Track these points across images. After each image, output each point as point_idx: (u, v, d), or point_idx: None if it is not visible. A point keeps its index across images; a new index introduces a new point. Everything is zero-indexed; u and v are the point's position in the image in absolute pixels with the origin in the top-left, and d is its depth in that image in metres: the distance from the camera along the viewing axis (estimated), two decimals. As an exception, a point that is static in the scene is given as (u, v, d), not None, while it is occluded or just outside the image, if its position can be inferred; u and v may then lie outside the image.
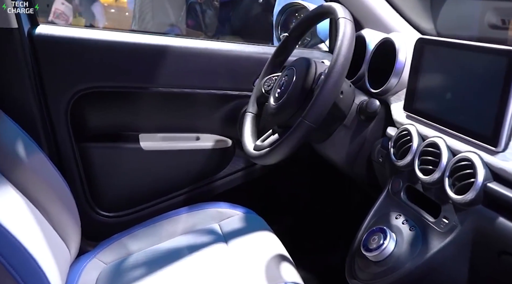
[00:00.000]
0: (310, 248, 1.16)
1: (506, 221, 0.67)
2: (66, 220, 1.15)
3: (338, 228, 1.45)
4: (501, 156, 0.70)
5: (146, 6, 3.48)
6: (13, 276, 0.80)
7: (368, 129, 1.04)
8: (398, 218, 0.88)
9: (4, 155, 1.04)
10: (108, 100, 1.38)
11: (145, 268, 1.15)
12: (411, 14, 1.42)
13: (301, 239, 1.29)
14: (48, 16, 4.06)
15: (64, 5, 5.07)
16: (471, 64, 0.76)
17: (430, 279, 0.78)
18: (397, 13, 1.38)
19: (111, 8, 5.32)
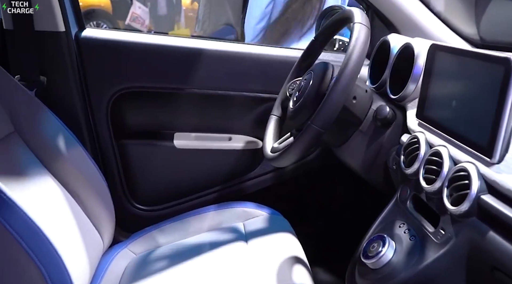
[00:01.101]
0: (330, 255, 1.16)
1: (497, 235, 0.65)
2: (101, 210, 1.23)
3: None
4: (495, 168, 0.67)
5: (206, 9, 3.60)
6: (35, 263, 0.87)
7: (385, 135, 1.03)
8: (402, 227, 0.86)
9: (45, 148, 1.14)
10: (145, 100, 1.46)
11: (168, 261, 1.21)
12: (452, 18, 1.38)
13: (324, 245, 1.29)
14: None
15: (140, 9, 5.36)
16: (474, 72, 0.73)
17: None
18: (437, 17, 1.35)
19: (189, 11, 5.54)
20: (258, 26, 2.36)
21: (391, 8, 1.32)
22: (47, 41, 1.29)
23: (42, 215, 0.96)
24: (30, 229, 0.86)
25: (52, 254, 0.89)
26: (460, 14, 1.42)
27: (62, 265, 0.91)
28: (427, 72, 0.88)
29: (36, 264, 0.86)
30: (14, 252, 0.84)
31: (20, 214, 0.85)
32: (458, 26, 1.37)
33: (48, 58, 1.31)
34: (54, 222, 1.01)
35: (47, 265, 0.87)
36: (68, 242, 1.03)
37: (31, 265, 0.85)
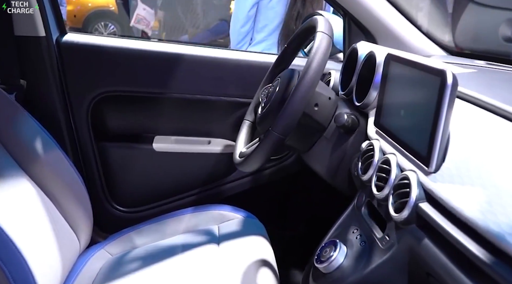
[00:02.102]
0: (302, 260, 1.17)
1: (431, 243, 0.66)
2: (78, 212, 1.26)
3: None
4: (432, 177, 0.69)
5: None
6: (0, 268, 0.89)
7: (348, 142, 1.05)
8: (355, 232, 0.88)
9: (23, 150, 1.17)
10: (126, 104, 1.48)
11: (142, 262, 1.23)
12: (428, 26, 1.39)
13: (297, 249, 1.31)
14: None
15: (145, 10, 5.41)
16: (418, 82, 0.75)
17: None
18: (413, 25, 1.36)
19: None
20: (243, 30, 2.39)
21: (366, 16, 1.34)
22: (27, 45, 1.32)
23: (11, 217, 0.99)
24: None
25: (15, 255, 0.91)
26: (435, 21, 1.44)
27: (26, 265, 0.93)
28: (383, 81, 0.90)
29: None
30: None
31: (-16, 216, 0.88)
32: (433, 33, 1.38)
33: (28, 62, 1.34)
34: (23, 225, 1.03)
35: (9, 265, 0.90)
36: (37, 243, 1.06)
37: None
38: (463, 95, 0.83)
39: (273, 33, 2.42)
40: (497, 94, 0.82)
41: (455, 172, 0.67)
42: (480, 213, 0.58)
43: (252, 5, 2.34)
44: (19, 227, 0.99)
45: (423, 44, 1.35)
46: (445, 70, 0.67)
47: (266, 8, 2.37)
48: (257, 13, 2.38)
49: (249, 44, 2.45)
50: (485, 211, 0.58)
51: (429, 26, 1.39)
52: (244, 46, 2.44)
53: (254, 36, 2.43)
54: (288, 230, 1.59)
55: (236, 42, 2.43)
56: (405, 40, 1.34)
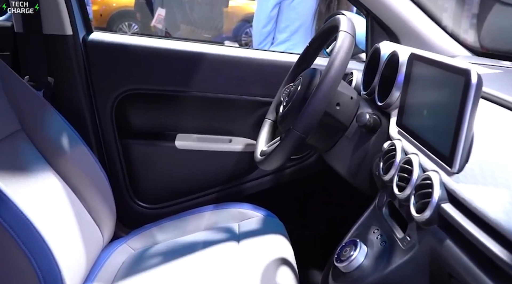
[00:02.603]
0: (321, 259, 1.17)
1: (453, 244, 0.66)
2: (102, 207, 1.29)
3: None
4: (455, 177, 0.68)
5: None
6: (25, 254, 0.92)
7: (370, 142, 1.04)
8: (375, 232, 0.88)
9: (50, 146, 1.20)
10: (149, 102, 1.51)
11: (163, 258, 1.25)
12: (453, 26, 1.38)
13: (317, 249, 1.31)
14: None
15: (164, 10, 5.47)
16: (441, 82, 0.74)
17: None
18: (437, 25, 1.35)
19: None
20: (264, 30, 2.39)
21: (389, 15, 1.33)
22: (55, 44, 1.36)
23: (38, 210, 1.02)
24: (21, 222, 0.92)
25: (42, 247, 0.94)
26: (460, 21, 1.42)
27: (52, 257, 0.95)
28: (406, 80, 0.89)
29: (26, 256, 0.91)
30: (5, 243, 0.90)
31: (13, 208, 0.91)
32: (458, 33, 1.37)
33: (56, 60, 1.38)
34: (50, 218, 1.07)
35: (37, 257, 0.92)
36: (63, 236, 1.08)
37: (21, 256, 0.91)
38: (487, 96, 0.82)
39: (295, 33, 2.42)
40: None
41: (479, 173, 0.66)
42: (504, 214, 0.58)
43: (274, 5, 2.35)
44: (46, 220, 1.02)
45: (447, 45, 1.34)
46: (470, 70, 0.66)
47: (288, 9, 2.38)
48: (279, 14, 2.38)
49: (271, 44, 2.46)
50: (509, 212, 0.58)
51: (453, 26, 1.37)
52: (266, 46, 2.45)
53: (276, 36, 2.44)
54: (308, 230, 1.59)
55: (258, 42, 2.44)
56: (429, 40, 1.33)
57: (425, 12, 1.34)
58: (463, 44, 1.35)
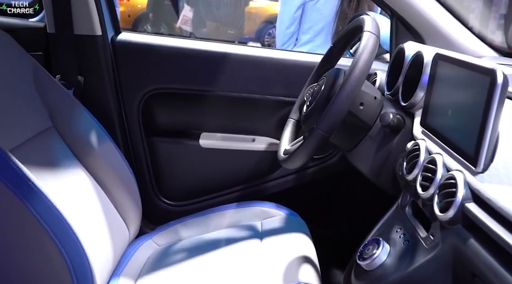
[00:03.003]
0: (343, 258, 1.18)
1: (477, 244, 0.66)
2: (128, 203, 1.32)
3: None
4: (479, 177, 0.68)
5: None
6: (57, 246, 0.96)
7: (393, 142, 1.04)
8: (398, 231, 0.88)
9: (79, 142, 1.24)
10: (174, 101, 1.54)
11: (187, 254, 1.28)
12: (479, 26, 1.37)
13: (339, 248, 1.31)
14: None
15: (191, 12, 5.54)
16: (466, 82, 0.74)
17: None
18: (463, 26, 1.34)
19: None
20: (288, 31, 2.41)
21: (414, 16, 1.33)
22: (85, 44, 1.40)
23: (69, 204, 1.06)
24: (53, 215, 0.95)
25: (73, 239, 0.97)
26: (487, 22, 1.41)
27: (82, 250, 0.99)
28: (430, 81, 0.90)
29: (57, 247, 0.94)
30: (38, 235, 0.93)
31: (45, 201, 0.94)
32: (485, 34, 1.36)
33: (85, 60, 1.42)
34: (80, 211, 1.10)
35: (68, 249, 0.95)
36: (92, 230, 1.12)
37: (53, 247, 0.94)
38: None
39: (319, 34, 2.43)
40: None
41: (504, 172, 0.66)
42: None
43: (298, 7, 2.36)
44: (75, 213, 1.06)
45: (473, 45, 1.33)
46: (496, 69, 0.67)
47: (312, 10, 2.39)
48: (303, 15, 2.40)
49: (294, 45, 2.48)
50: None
51: (480, 26, 1.36)
52: (289, 47, 2.47)
53: (300, 37, 2.46)
54: (330, 229, 1.60)
55: (282, 43, 2.46)
56: (455, 41, 1.32)
57: (450, 12, 1.33)
58: (490, 45, 1.34)
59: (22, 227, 0.94)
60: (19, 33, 1.22)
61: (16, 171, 0.93)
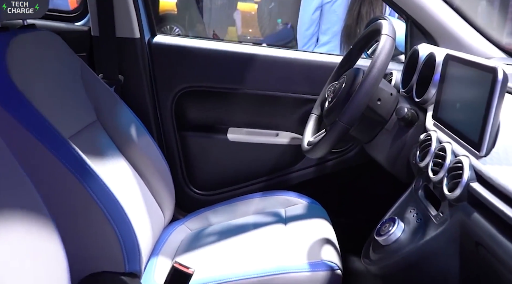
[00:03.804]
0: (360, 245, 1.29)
1: (481, 217, 0.77)
2: (163, 191, 1.45)
3: None
4: (483, 160, 0.79)
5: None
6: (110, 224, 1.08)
7: (408, 134, 1.16)
8: (412, 212, 1.00)
9: (120, 135, 1.37)
10: (204, 98, 1.67)
11: (218, 237, 1.40)
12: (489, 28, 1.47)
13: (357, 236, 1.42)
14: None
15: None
16: (471, 78, 0.85)
17: (423, 265, 0.90)
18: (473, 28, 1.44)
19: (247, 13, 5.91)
20: (307, 32, 2.53)
21: (428, 20, 1.43)
22: (125, 46, 1.54)
23: (117, 188, 1.19)
24: (108, 197, 1.08)
25: (124, 218, 1.09)
26: (497, 24, 1.51)
27: (132, 230, 1.11)
28: (441, 78, 1.01)
29: (110, 224, 1.07)
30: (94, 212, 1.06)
31: (101, 184, 1.07)
32: (494, 36, 1.46)
33: (125, 61, 1.55)
34: (125, 196, 1.23)
35: (119, 225, 1.08)
36: (136, 213, 1.25)
37: (107, 224, 1.06)
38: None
39: (336, 35, 2.54)
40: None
41: (504, 156, 0.77)
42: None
43: (315, 8, 2.48)
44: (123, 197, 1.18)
45: (483, 47, 1.43)
46: (497, 68, 0.78)
47: (329, 12, 2.51)
48: (321, 16, 2.52)
49: (315, 45, 2.60)
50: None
51: (490, 29, 1.46)
52: (310, 47, 2.59)
53: (320, 38, 2.57)
54: (348, 217, 1.70)
55: (303, 44, 2.58)
56: (466, 43, 1.42)
57: (462, 16, 1.43)
58: (499, 46, 1.44)
59: (81, 207, 1.07)
60: (66, 36, 1.35)
61: (76, 156, 1.06)
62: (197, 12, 5.51)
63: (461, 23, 1.43)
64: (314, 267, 1.15)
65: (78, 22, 1.64)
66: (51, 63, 1.23)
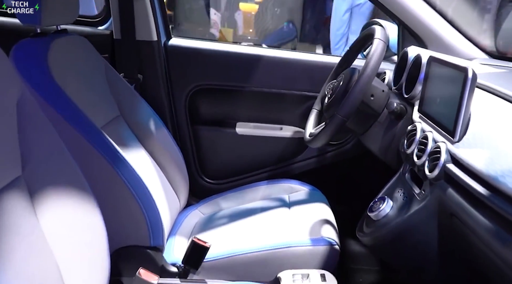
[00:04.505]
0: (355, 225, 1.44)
1: (453, 192, 0.92)
2: (178, 179, 1.61)
3: None
4: (456, 145, 0.95)
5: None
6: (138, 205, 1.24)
7: (397, 126, 1.31)
8: (399, 191, 1.16)
9: (140, 128, 1.53)
10: (215, 95, 1.83)
11: (228, 219, 1.56)
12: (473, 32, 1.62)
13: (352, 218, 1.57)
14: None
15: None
16: (449, 77, 1.01)
17: (407, 236, 1.07)
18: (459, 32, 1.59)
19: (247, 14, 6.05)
20: (338, 32, 2.73)
21: (417, 24, 1.59)
22: (144, 48, 1.70)
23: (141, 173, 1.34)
24: (136, 180, 1.24)
25: (151, 202, 1.25)
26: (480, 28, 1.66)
27: (157, 210, 1.27)
28: (425, 77, 1.17)
29: (139, 204, 1.23)
30: (124, 194, 1.22)
31: (130, 168, 1.23)
32: (477, 39, 1.61)
33: (144, 61, 1.71)
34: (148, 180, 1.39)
35: (147, 208, 1.24)
36: (158, 196, 1.40)
37: (135, 205, 1.22)
38: (486, 88, 1.08)
39: None
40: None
41: (473, 141, 0.93)
42: (485, 166, 0.85)
43: (346, 11, 2.69)
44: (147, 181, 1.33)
45: (467, 49, 1.58)
46: (468, 68, 0.93)
47: (357, 14, 2.72)
48: (351, 18, 2.72)
49: (345, 44, 2.79)
50: (489, 164, 0.84)
51: (473, 32, 1.62)
52: (342, 46, 2.78)
53: (350, 38, 2.77)
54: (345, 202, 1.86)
55: (335, 43, 2.79)
56: (451, 45, 1.57)
57: (448, 21, 1.59)
58: (481, 48, 1.59)
59: (113, 189, 1.22)
60: (90, 39, 1.50)
61: (108, 145, 1.22)
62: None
63: (447, 28, 1.58)
64: (315, 242, 1.31)
65: (101, 26, 1.80)
66: (81, 64, 1.38)
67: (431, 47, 1.59)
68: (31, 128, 0.96)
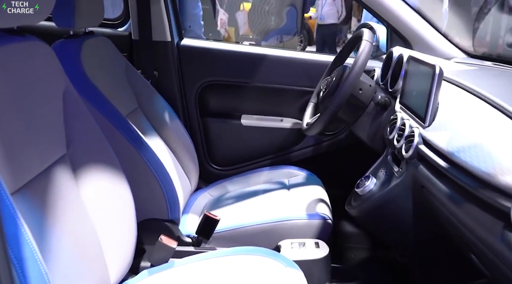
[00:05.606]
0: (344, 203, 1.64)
1: (424, 168, 1.11)
2: (190, 165, 1.80)
3: None
4: (426, 130, 1.14)
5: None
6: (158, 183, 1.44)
7: (383, 116, 1.51)
8: (382, 171, 1.36)
9: (157, 119, 1.73)
10: (222, 90, 2.03)
11: (234, 200, 1.76)
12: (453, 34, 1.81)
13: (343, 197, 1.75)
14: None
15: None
16: (422, 73, 1.20)
17: (387, 207, 1.27)
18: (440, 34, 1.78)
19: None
20: None
21: (403, 27, 1.77)
22: (159, 47, 1.90)
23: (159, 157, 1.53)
24: (157, 162, 1.43)
25: (169, 180, 1.45)
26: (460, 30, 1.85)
27: (174, 188, 1.47)
28: (405, 74, 1.36)
29: (159, 183, 1.43)
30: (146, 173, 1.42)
31: (151, 153, 1.43)
32: (457, 40, 1.80)
33: (159, 59, 1.91)
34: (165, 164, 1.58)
35: (165, 185, 1.44)
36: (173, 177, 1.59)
37: (156, 183, 1.42)
38: (455, 82, 1.27)
39: None
40: (480, 83, 1.25)
41: (439, 126, 1.13)
42: (446, 145, 1.04)
43: None
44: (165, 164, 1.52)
45: (448, 49, 1.76)
46: (436, 65, 1.13)
47: None
48: None
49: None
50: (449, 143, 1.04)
51: (454, 34, 1.81)
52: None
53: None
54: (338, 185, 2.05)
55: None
56: (433, 46, 1.76)
57: (431, 24, 1.78)
58: (460, 48, 1.78)
59: (136, 168, 1.42)
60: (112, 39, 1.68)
61: (133, 131, 1.42)
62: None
63: (430, 30, 1.77)
64: (311, 217, 1.51)
65: (120, 28, 2.00)
66: (106, 62, 1.58)
67: (416, 47, 1.77)
68: (73, 116, 1.16)
